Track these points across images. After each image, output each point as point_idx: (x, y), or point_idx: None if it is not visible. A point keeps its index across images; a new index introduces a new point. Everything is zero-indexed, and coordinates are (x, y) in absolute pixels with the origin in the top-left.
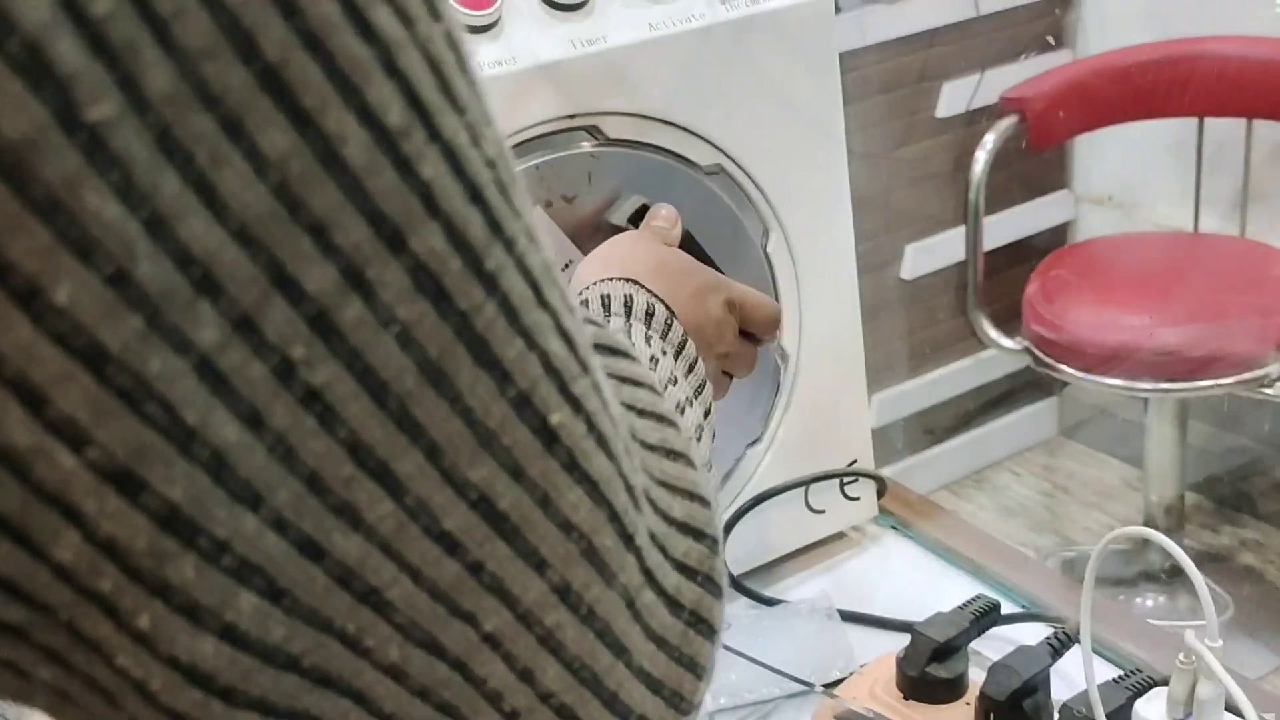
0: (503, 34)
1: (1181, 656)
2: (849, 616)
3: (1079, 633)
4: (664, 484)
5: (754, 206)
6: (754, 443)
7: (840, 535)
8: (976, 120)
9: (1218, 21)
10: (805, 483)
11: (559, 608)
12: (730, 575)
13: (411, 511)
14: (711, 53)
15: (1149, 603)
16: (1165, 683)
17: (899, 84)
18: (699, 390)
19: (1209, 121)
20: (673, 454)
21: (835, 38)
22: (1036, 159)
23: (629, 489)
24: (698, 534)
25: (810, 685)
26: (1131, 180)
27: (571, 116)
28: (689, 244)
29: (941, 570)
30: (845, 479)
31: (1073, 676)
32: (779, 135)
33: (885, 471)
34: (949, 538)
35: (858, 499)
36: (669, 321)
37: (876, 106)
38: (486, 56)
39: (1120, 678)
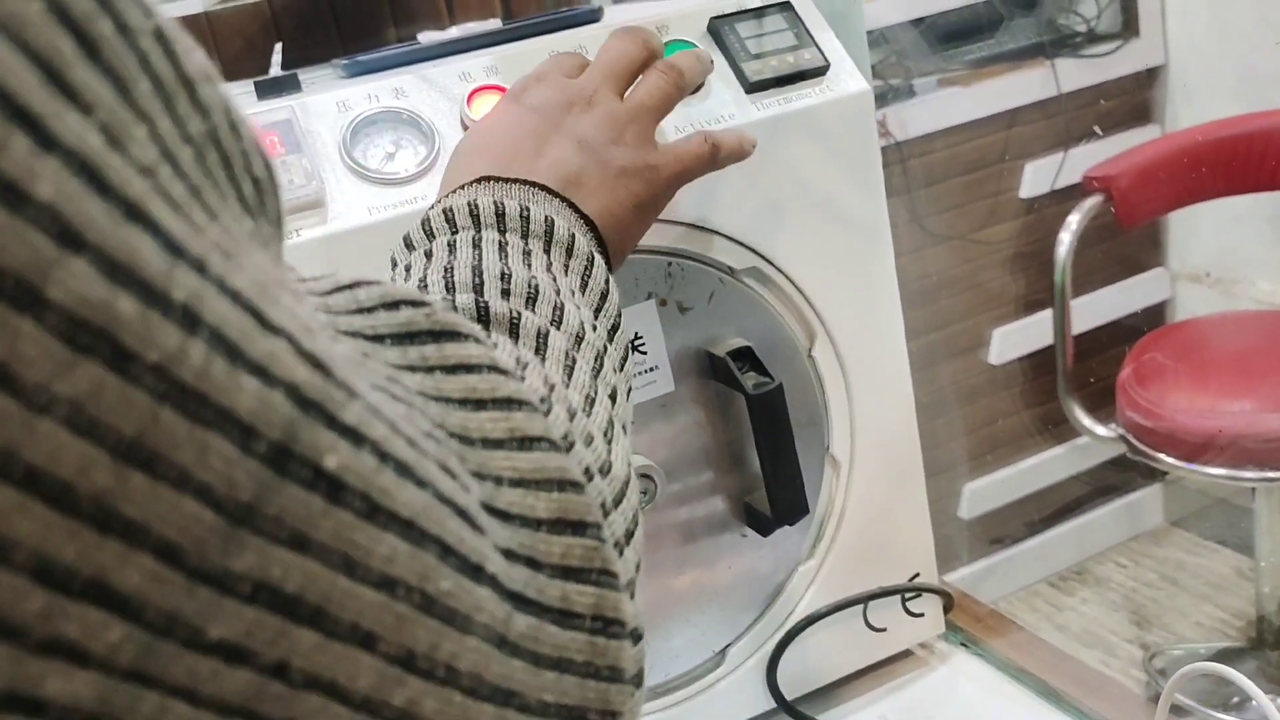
0: None
1: None
2: None
3: None
4: (519, 482)
5: (796, 308)
6: (806, 559)
7: (905, 654)
8: (1062, 199)
9: None
10: (863, 599)
11: (407, 681)
12: (784, 700)
13: (158, 628)
14: None
15: None
16: None
17: (981, 165)
18: (584, 281)
19: None
20: (527, 442)
21: (875, 132)
22: (1130, 236)
23: (460, 511)
24: (576, 526)
25: None
26: (1230, 256)
27: None
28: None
29: (1013, 692)
30: (907, 595)
31: None
32: (819, 235)
33: (977, 567)
34: (1021, 656)
35: (922, 615)
36: (525, 212)
37: (958, 188)
38: None
39: None
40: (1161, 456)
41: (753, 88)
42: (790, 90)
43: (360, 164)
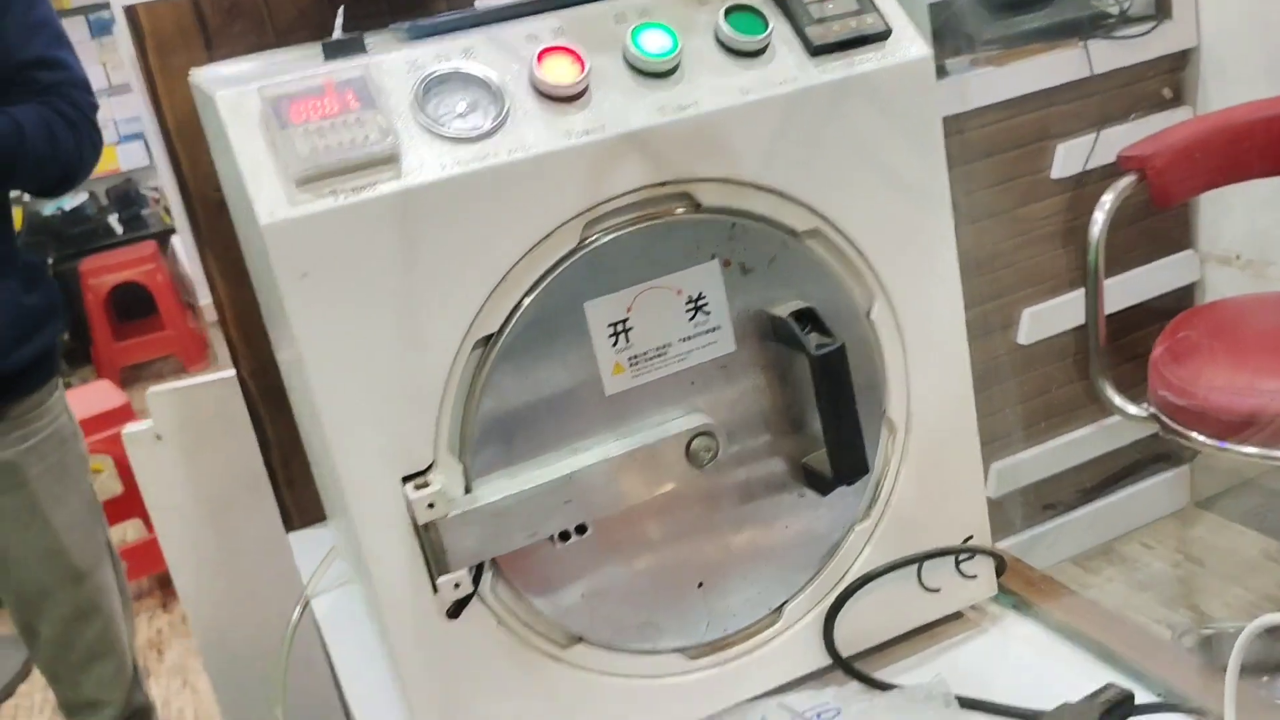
0: (591, 103)
1: None
2: (967, 703)
3: None
4: None
5: (855, 271)
6: (862, 520)
7: (957, 615)
8: (1094, 180)
9: None
10: (918, 559)
11: None
12: (839, 657)
13: None
14: (806, 117)
15: None
16: None
17: (1012, 145)
18: None
19: None
20: None
21: (936, 99)
22: (1159, 218)
23: None
24: None
25: None
26: (1261, 238)
27: (663, 184)
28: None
29: (1067, 654)
30: (960, 556)
31: None
32: (879, 199)
33: (1004, 545)
34: (1075, 619)
35: (975, 577)
36: None
37: (989, 168)
38: (575, 126)
39: None
40: (1194, 435)
41: (816, 51)
42: (853, 54)
43: (433, 121)
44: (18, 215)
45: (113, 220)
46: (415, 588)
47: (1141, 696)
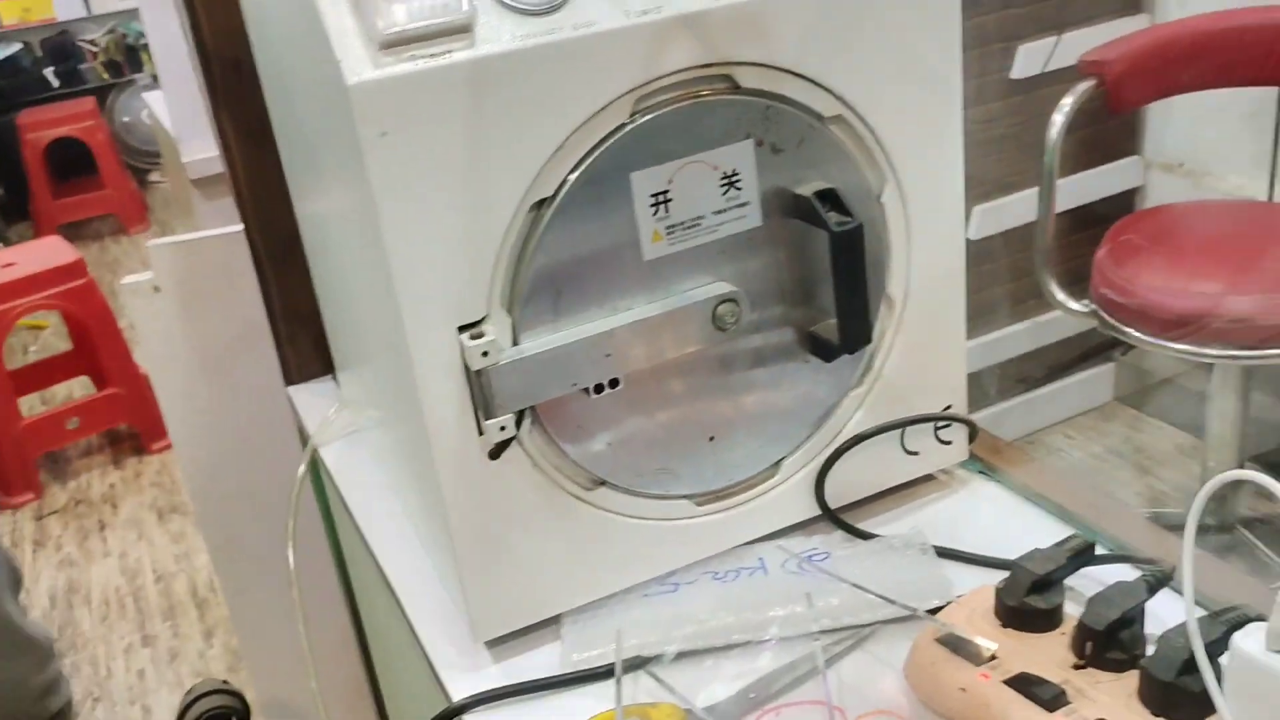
0: None
1: None
2: (942, 553)
3: (1173, 572)
4: None
5: (871, 156)
6: (856, 386)
7: (930, 478)
8: (1049, 83)
9: None
10: (903, 424)
11: None
12: (828, 508)
13: None
14: (842, 5)
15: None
16: (1260, 619)
17: (975, 44)
18: None
19: None
20: None
21: None
22: (1106, 124)
23: None
24: None
25: (914, 610)
26: (1204, 147)
27: (708, 65)
28: (827, 196)
29: (1029, 513)
30: (940, 423)
31: (1163, 616)
32: (899, 88)
33: None
34: (1036, 482)
35: (950, 443)
36: None
37: None
38: (634, 5)
39: (1215, 613)
40: (1130, 331)
41: None
42: None
43: None
44: None
45: (48, 74)
46: (463, 429)
47: (1100, 549)
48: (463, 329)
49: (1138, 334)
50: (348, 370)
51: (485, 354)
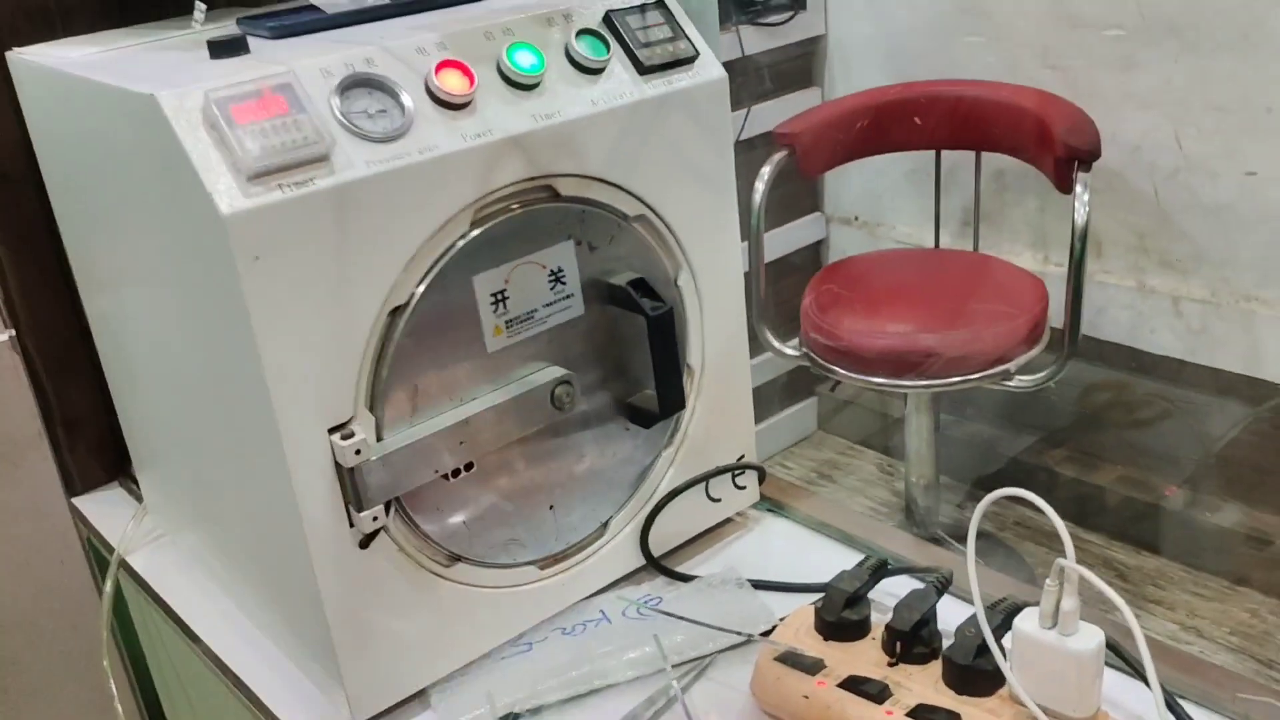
0: (478, 111)
1: (1050, 580)
2: (755, 584)
3: (952, 576)
4: None
5: (668, 247)
6: (667, 447)
7: (729, 520)
8: (743, 150)
9: (936, 67)
10: (709, 476)
11: None
12: (652, 558)
13: None
14: (638, 123)
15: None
16: (1028, 605)
17: None
18: None
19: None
20: None
21: (728, 108)
22: (791, 185)
23: None
24: None
25: (749, 635)
26: (874, 202)
27: (533, 179)
28: (638, 285)
29: (817, 542)
30: (736, 471)
31: (945, 616)
32: (687, 188)
33: None
34: (818, 514)
35: (745, 488)
36: None
37: None
38: (468, 130)
39: (990, 606)
40: (838, 370)
41: (645, 70)
42: (672, 74)
43: (353, 124)
44: None
45: None
46: (336, 522)
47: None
48: (332, 430)
49: (845, 371)
50: (156, 474)
51: (358, 452)
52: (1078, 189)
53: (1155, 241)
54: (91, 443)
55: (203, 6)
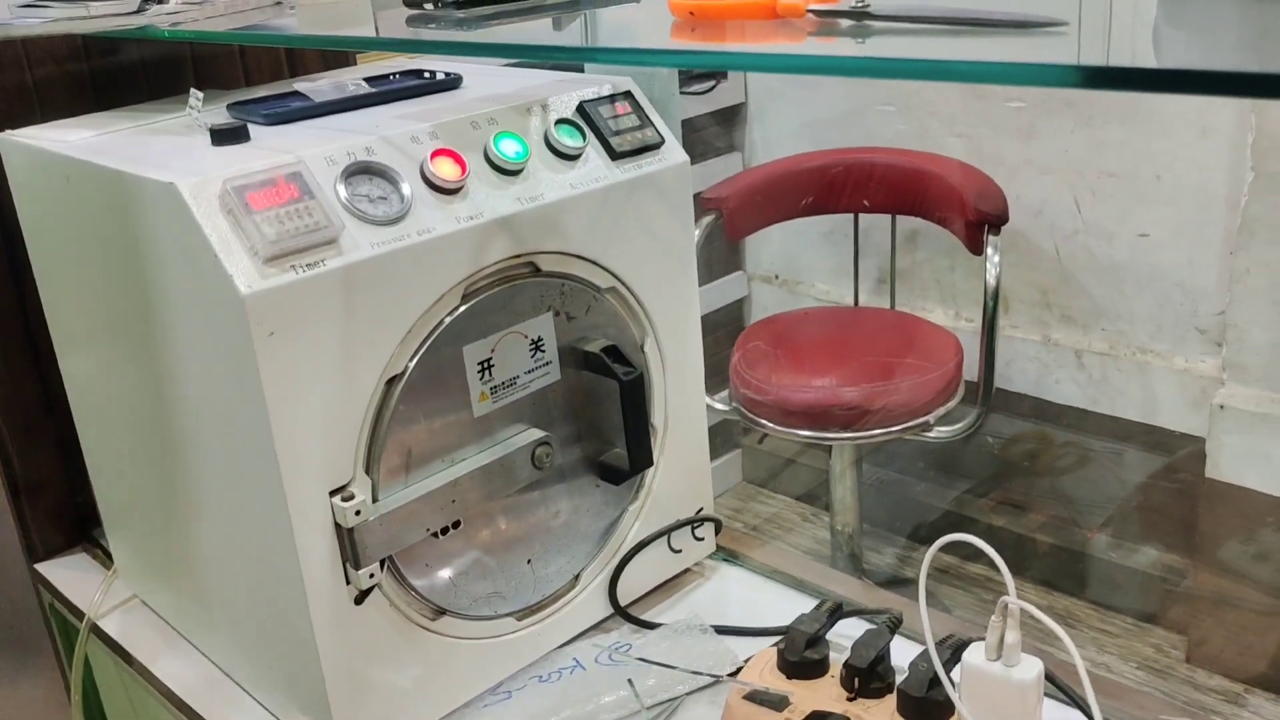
0: (469, 195)
1: (995, 616)
2: (718, 629)
3: (902, 617)
4: None
5: (636, 316)
6: (633, 502)
7: (688, 570)
8: None
9: (851, 134)
10: (671, 529)
11: None
12: (620, 607)
13: None
14: (611, 204)
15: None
16: (974, 640)
17: None
18: None
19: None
20: None
21: (690, 190)
22: (715, 245)
23: None
24: None
25: (719, 677)
26: (792, 262)
27: (518, 256)
28: (611, 351)
29: (771, 588)
30: (695, 524)
31: (896, 654)
32: (653, 262)
33: None
34: (771, 561)
35: (703, 539)
36: None
37: None
38: (461, 213)
39: (939, 641)
40: (766, 423)
41: (617, 156)
42: (640, 159)
43: (357, 208)
44: None
45: None
46: (334, 580)
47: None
48: (333, 492)
49: (772, 425)
50: (130, 536)
51: (358, 513)
52: (988, 251)
53: (1058, 298)
54: (50, 508)
55: (199, 95)
